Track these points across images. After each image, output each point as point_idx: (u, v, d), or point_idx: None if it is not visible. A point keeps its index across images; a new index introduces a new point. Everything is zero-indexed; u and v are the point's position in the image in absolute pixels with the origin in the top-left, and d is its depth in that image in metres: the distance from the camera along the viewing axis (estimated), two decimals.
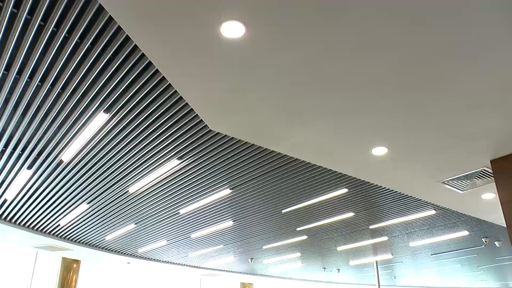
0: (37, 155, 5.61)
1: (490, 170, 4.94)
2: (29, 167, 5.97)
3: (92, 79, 4.02)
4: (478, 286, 19.93)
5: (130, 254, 11.39)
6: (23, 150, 5.49)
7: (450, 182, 5.47)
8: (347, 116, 3.85)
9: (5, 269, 10.37)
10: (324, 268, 14.26)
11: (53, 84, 4.12)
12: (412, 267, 14.94)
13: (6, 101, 4.39)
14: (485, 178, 5.28)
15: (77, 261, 11.61)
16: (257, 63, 3.09)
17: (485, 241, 10.20)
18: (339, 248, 11.13)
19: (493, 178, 4.97)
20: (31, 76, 4.00)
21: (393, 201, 7.41)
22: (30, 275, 10.88)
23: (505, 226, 4.67)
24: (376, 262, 12.58)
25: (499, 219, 6.62)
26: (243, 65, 3.12)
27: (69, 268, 11.44)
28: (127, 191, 6.83)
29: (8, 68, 3.87)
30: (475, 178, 5.32)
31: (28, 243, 9.98)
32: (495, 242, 10.37)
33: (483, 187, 5.61)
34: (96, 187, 6.72)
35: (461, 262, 13.75)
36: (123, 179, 6.41)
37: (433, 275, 16.78)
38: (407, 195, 6.79)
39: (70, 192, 6.91)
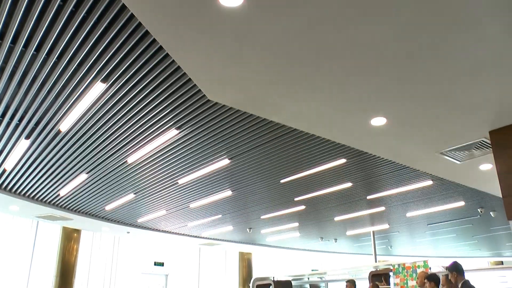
0: (34, 125, 5.59)
1: (488, 141, 4.95)
2: (27, 137, 5.95)
3: (89, 49, 3.97)
4: (472, 256, 20.29)
5: (130, 224, 11.51)
6: (20, 120, 5.47)
7: (448, 152, 5.48)
8: (345, 86, 3.82)
9: (6, 239, 10.49)
10: (322, 238, 14.46)
11: (48, 53, 4.06)
12: (408, 237, 15.17)
13: (2, 70, 4.34)
14: (483, 149, 5.29)
15: (77, 231, 11.75)
16: (255, 32, 3.04)
17: (481, 211, 10.32)
18: (337, 218, 11.26)
19: (491, 149, 4.97)
20: (26, 45, 3.94)
21: (391, 172, 7.45)
22: (32, 245, 11.02)
23: (501, 196, 4.70)
24: (373, 232, 12.74)
25: (495, 190, 6.67)
26: (241, 35, 3.07)
27: (70, 237, 11.58)
28: (126, 161, 6.84)
29: (2, 37, 3.81)
30: (474, 149, 5.33)
31: (28, 213, 10.07)
32: (490, 212, 10.49)
33: (481, 158, 5.63)
34: (94, 157, 6.73)
35: (456, 232, 13.95)
36: (122, 149, 6.41)
37: (428, 245, 17.06)
38: (405, 165, 6.81)
39: (69, 162, 6.92)
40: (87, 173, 7.43)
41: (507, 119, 4.54)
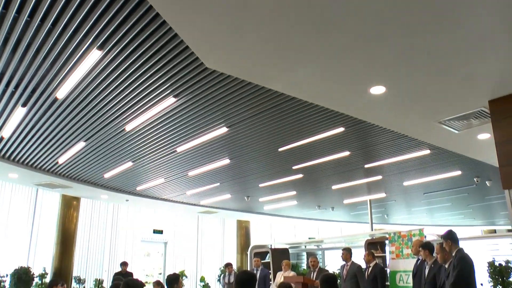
0: (31, 92, 5.54)
1: (487, 111, 4.93)
2: (24, 105, 5.91)
3: (84, 15, 3.89)
4: (466, 224, 20.59)
5: (129, 192, 11.59)
6: (16, 87, 5.42)
7: (447, 122, 5.48)
8: (344, 55, 3.77)
9: (7, 207, 10.57)
10: (319, 206, 14.62)
11: (43, 20, 3.98)
12: (404, 206, 15.34)
13: None
14: (482, 118, 5.28)
15: (77, 199, 11.83)
16: (254, 0, 2.97)
17: (477, 181, 10.40)
18: (334, 187, 11.35)
19: (489, 118, 4.97)
20: (19, 11, 3.86)
21: (389, 141, 7.46)
22: (32, 213, 11.11)
23: (498, 166, 4.73)
24: (370, 200, 12.87)
25: (492, 159, 6.69)
26: (239, 2, 3.00)
27: (69, 205, 11.67)
28: (124, 129, 6.82)
29: None
30: (472, 119, 5.32)
31: (27, 181, 10.12)
32: (486, 182, 10.58)
33: (479, 127, 5.63)
34: (92, 125, 6.71)
35: (452, 201, 14.11)
36: (119, 117, 6.38)
37: (424, 214, 17.28)
38: (403, 134, 6.81)
39: (67, 130, 6.90)
40: (85, 141, 7.42)
41: (507, 89, 4.51)
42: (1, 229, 10.36)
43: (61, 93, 5.50)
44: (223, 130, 6.87)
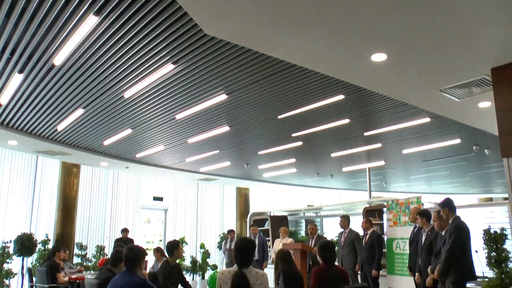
0: (27, 58, 5.46)
1: (489, 78, 4.89)
2: (20, 71, 5.84)
3: None
4: (464, 193, 20.79)
5: (129, 159, 11.63)
6: (12, 54, 5.34)
7: (448, 90, 5.44)
8: (345, 22, 3.70)
9: (8, 174, 10.61)
10: (318, 173, 14.70)
11: None
12: (403, 173, 15.44)
13: None
14: (483, 86, 5.24)
15: (77, 166, 11.88)
16: None
17: (476, 149, 10.43)
18: (333, 155, 11.37)
19: (491, 86, 4.93)
20: None
21: (389, 108, 7.43)
22: (33, 180, 11.17)
23: (497, 134, 4.73)
24: (369, 168, 12.94)
25: (492, 128, 6.68)
26: None
27: (69, 172, 11.72)
28: (123, 96, 6.78)
29: None
30: (474, 87, 5.28)
31: (27, 148, 10.13)
32: (485, 150, 10.61)
33: (480, 95, 5.60)
34: (90, 92, 6.66)
35: (450, 169, 14.19)
36: (118, 84, 6.33)
37: (422, 182, 17.41)
38: (403, 102, 6.78)
39: (65, 96, 6.85)
40: (83, 108, 7.38)
41: (510, 56, 4.45)
42: (3, 196, 10.44)
43: (58, 60, 5.43)
44: (223, 97, 6.83)
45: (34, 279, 8.03)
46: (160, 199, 14.64)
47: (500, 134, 4.68)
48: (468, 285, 5.36)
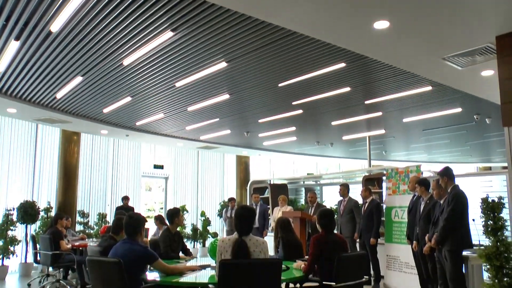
0: (23, 25, 5.36)
1: (493, 47, 4.82)
2: (17, 38, 5.74)
3: None
4: (463, 162, 20.88)
5: (128, 127, 11.61)
6: (7, 20, 5.24)
7: (451, 58, 5.37)
8: None
9: (8, 143, 10.61)
10: (318, 142, 14.71)
11: None
12: (403, 142, 15.45)
13: None
14: (487, 54, 5.17)
15: (77, 134, 11.86)
16: None
17: (476, 118, 10.40)
18: (334, 123, 11.35)
19: (495, 54, 4.86)
20: None
21: (391, 77, 7.36)
22: (33, 148, 11.18)
23: (499, 103, 4.69)
24: (369, 137, 12.94)
25: (495, 96, 6.66)
26: None
27: (70, 140, 11.71)
28: (122, 63, 6.70)
29: None
30: (477, 55, 5.21)
31: (26, 116, 10.09)
32: (486, 119, 10.58)
33: (484, 64, 5.54)
34: (89, 60, 6.58)
35: (450, 138, 14.19)
36: (117, 51, 6.24)
37: (422, 151, 17.45)
38: (405, 70, 6.71)
39: (63, 64, 6.77)
40: (82, 75, 7.31)
41: None
42: (4, 164, 10.48)
43: (55, 27, 5.33)
44: (223, 65, 6.75)
45: (38, 246, 8.16)
46: (161, 167, 14.70)
47: (502, 103, 4.65)
48: (464, 253, 5.45)
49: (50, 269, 8.16)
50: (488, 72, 5.92)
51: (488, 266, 4.62)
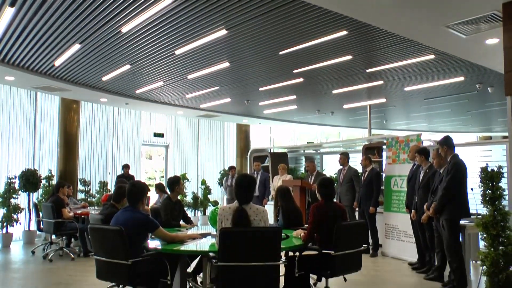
0: None
1: (499, 14, 4.72)
2: (11, 5, 5.61)
3: None
4: (463, 131, 20.86)
5: (128, 95, 11.54)
6: None
7: (455, 26, 5.28)
8: None
9: (8, 111, 10.57)
10: (318, 110, 14.65)
11: None
12: (404, 111, 15.39)
13: None
14: (492, 22, 5.07)
15: (76, 102, 11.79)
16: None
17: (479, 87, 10.32)
18: (335, 91, 11.28)
19: (501, 22, 4.77)
20: None
21: (394, 45, 7.25)
22: (33, 116, 11.14)
23: (503, 72, 4.64)
24: (369, 105, 12.88)
25: (498, 65, 6.57)
26: None
27: (69, 108, 11.65)
28: (120, 30, 6.59)
29: None
30: (482, 23, 5.11)
31: (25, 83, 10.01)
32: (488, 88, 10.50)
33: (488, 32, 5.45)
34: (87, 27, 6.46)
35: (451, 107, 14.13)
36: (115, 18, 6.12)
37: (423, 120, 17.40)
38: (408, 39, 6.60)
39: (60, 31, 6.66)
40: (80, 43, 7.21)
41: None
42: (5, 133, 10.47)
43: None
44: (222, 32, 6.64)
45: (40, 214, 8.25)
46: (161, 135, 14.70)
47: (506, 72, 4.59)
48: (461, 222, 5.52)
49: (53, 236, 8.29)
50: (493, 41, 5.83)
51: (484, 235, 4.68)
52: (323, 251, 4.22)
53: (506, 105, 4.58)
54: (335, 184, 6.85)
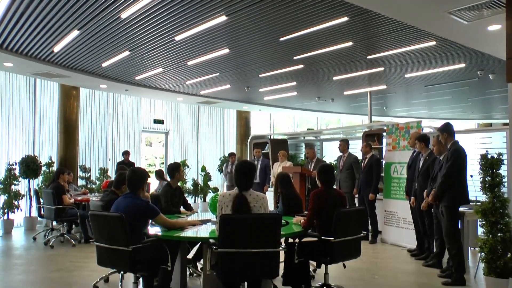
0: None
1: (503, 0, 4.67)
2: None
3: None
4: (464, 118, 20.83)
5: (128, 81, 11.50)
6: None
7: (457, 12, 5.23)
8: None
9: (7, 97, 10.53)
10: (319, 97, 14.61)
11: None
12: (404, 98, 15.35)
13: None
14: (495, 8, 5.03)
15: (76, 88, 11.75)
16: None
17: (480, 74, 10.28)
18: (335, 78, 11.23)
19: (503, 8, 4.72)
20: None
21: (395, 31, 7.20)
22: (32, 103, 11.10)
23: (505, 59, 4.61)
24: (370, 92, 12.84)
25: (500, 52, 6.54)
26: None
27: (69, 95, 11.62)
28: (119, 16, 6.53)
29: None
30: (485, 9, 5.07)
31: (24, 70, 9.96)
32: (489, 75, 10.46)
33: (491, 18, 5.40)
34: (86, 12, 6.40)
35: (452, 94, 14.08)
36: (114, 4, 6.06)
37: (423, 107, 17.36)
38: (409, 25, 6.55)
39: (59, 17, 6.60)
40: (78, 29, 7.15)
41: None
42: (4, 119, 10.45)
43: None
44: (222, 18, 6.59)
45: (41, 200, 8.28)
46: (161, 121, 14.67)
47: (508, 58, 4.56)
48: (460, 209, 5.54)
49: (54, 223, 8.32)
50: (495, 27, 5.79)
51: (483, 222, 4.70)
52: (322, 237, 4.24)
53: (507, 92, 4.58)
54: (335, 171, 6.85)
